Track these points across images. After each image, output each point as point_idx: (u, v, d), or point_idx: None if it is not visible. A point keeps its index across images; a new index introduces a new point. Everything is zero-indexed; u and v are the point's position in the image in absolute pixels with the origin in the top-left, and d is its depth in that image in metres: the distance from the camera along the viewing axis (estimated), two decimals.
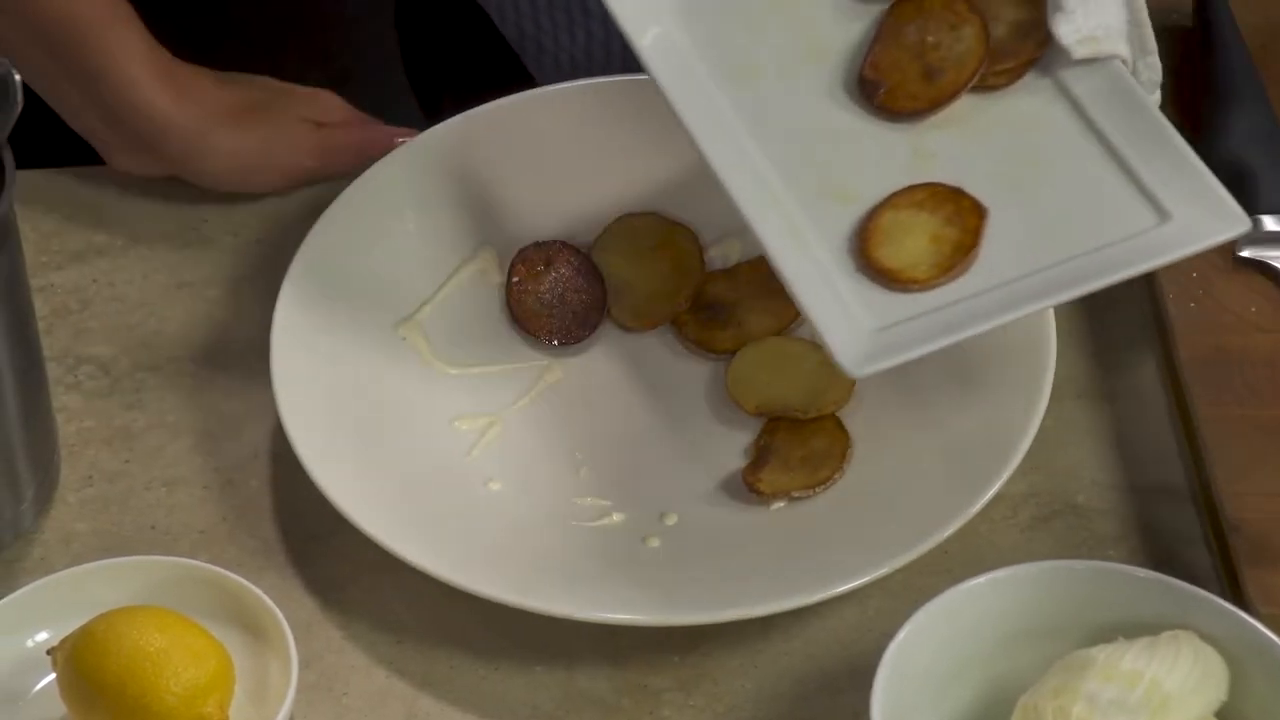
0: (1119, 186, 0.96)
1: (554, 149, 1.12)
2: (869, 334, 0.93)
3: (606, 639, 0.97)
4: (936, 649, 0.91)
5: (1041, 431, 1.00)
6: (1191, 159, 0.96)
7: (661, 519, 1.02)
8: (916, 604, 0.91)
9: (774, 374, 1.05)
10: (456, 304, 1.09)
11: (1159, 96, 1.00)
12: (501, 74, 1.19)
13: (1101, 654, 0.88)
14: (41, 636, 0.95)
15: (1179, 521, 1.01)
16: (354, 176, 1.10)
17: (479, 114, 1.12)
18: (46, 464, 1.02)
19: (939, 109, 0.99)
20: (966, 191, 0.97)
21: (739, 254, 1.11)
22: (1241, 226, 0.94)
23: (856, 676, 0.92)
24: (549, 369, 1.08)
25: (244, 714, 0.94)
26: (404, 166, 1.11)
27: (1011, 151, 0.98)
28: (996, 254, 0.95)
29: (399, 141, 1.12)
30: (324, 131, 1.14)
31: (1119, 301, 1.08)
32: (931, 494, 0.99)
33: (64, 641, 0.93)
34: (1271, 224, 1.07)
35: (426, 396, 1.06)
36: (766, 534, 1.00)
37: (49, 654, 0.93)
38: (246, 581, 0.96)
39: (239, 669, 0.93)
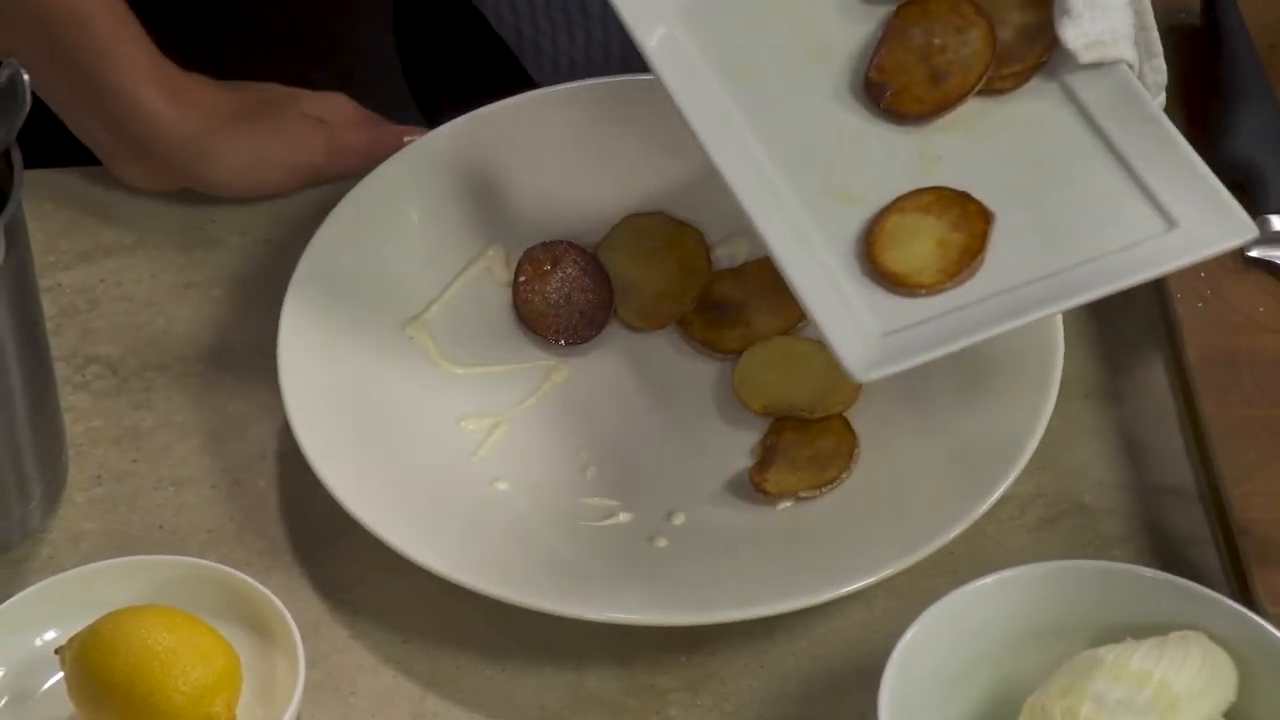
0: (1126, 192, 0.96)
1: (561, 149, 1.12)
2: (875, 339, 0.93)
3: (613, 639, 0.97)
4: (944, 649, 0.91)
5: (1048, 432, 1.00)
6: (1198, 166, 0.96)
7: (668, 519, 1.02)
8: (923, 604, 0.91)
9: (781, 374, 1.05)
10: (463, 304, 1.09)
11: (1164, 99, 1.00)
12: (501, 77, 1.19)
13: (1110, 654, 0.88)
14: (50, 635, 0.95)
15: (1187, 522, 1.01)
16: (361, 176, 1.10)
17: (486, 114, 1.12)
18: (54, 463, 1.02)
19: (945, 112, 0.99)
20: (973, 196, 0.97)
21: (746, 254, 1.10)
22: (1248, 234, 0.94)
23: (863, 677, 0.92)
24: (556, 369, 1.08)
25: (251, 713, 0.94)
26: (411, 166, 1.11)
27: (1018, 156, 0.98)
28: (1003, 259, 0.95)
29: (407, 141, 1.12)
30: (330, 130, 1.14)
31: (1127, 302, 1.08)
32: (938, 494, 0.99)
33: (72, 640, 0.93)
34: None
35: (433, 396, 1.06)
36: (773, 534, 1.00)
37: (57, 653, 0.93)
38: (254, 581, 0.96)
39: (246, 668, 0.93)
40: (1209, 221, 0.95)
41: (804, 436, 1.03)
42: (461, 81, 1.28)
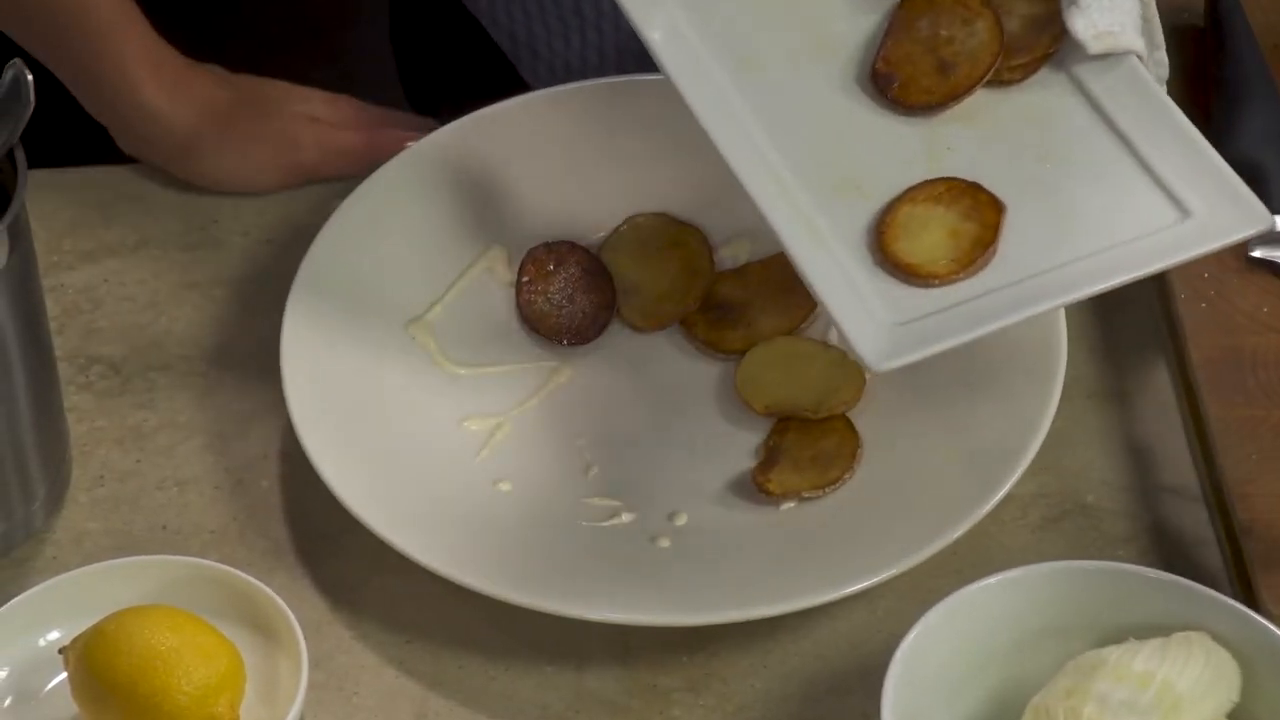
0: (1138, 182, 0.96)
1: (564, 149, 1.12)
2: (890, 329, 0.93)
3: (616, 639, 0.97)
4: (947, 650, 0.91)
5: (1052, 432, 1.00)
6: (1211, 155, 0.96)
7: (671, 519, 1.02)
8: (926, 605, 0.91)
9: (784, 374, 1.05)
10: (466, 304, 1.09)
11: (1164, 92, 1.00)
12: (495, 82, 1.19)
13: (1113, 655, 0.88)
14: (53, 636, 0.95)
15: (1190, 522, 1.01)
16: (363, 177, 1.10)
17: (489, 114, 1.12)
18: (58, 464, 1.02)
19: (953, 103, 0.99)
20: (984, 187, 0.97)
21: (748, 254, 1.10)
22: (1262, 223, 0.94)
23: (866, 677, 0.92)
24: (558, 369, 1.08)
25: (254, 713, 0.94)
26: (414, 167, 1.11)
27: (1028, 146, 0.98)
28: (1015, 250, 0.95)
29: (407, 145, 1.12)
30: (327, 129, 1.14)
31: (1130, 302, 1.08)
32: (942, 494, 0.99)
33: (76, 641, 0.93)
34: None
35: (436, 397, 1.06)
36: (776, 534, 1.00)
37: (61, 653, 0.93)
38: (257, 581, 0.96)
39: (249, 668, 0.93)
40: (1223, 210, 0.94)
41: (807, 437, 1.03)
42: (456, 87, 1.28)
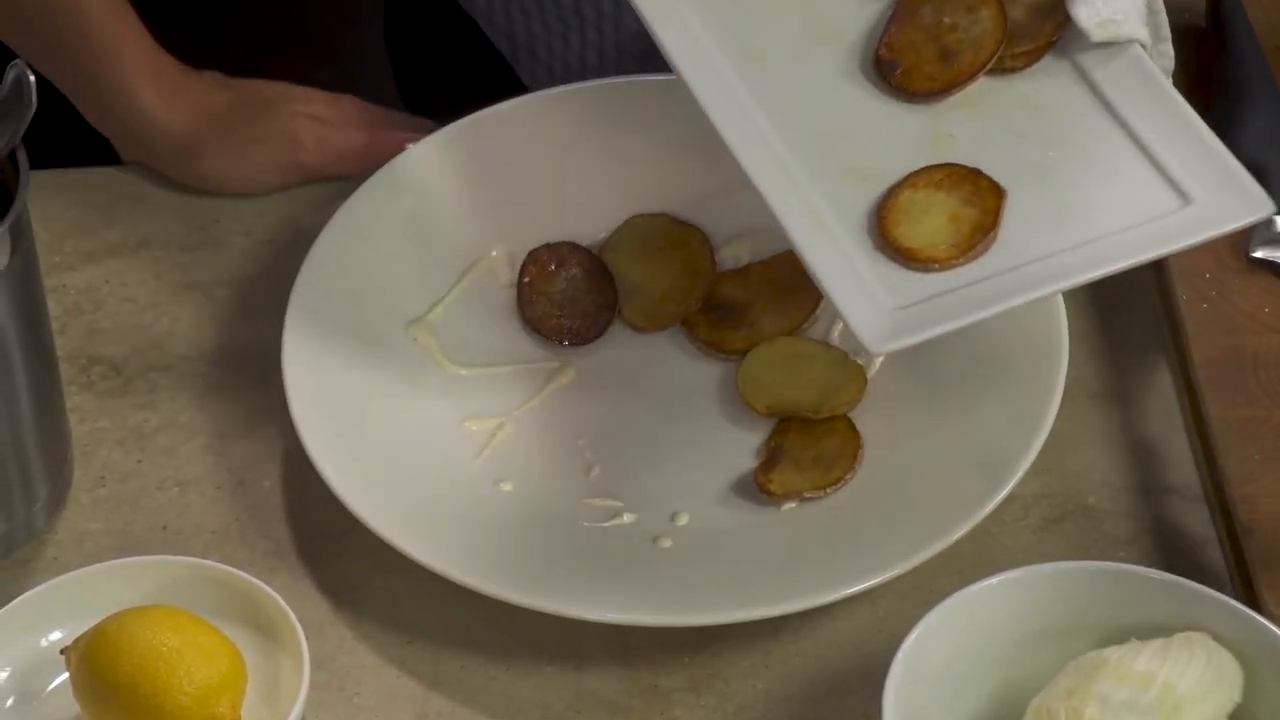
0: (1140, 169, 0.96)
1: (565, 150, 1.12)
2: (890, 312, 0.93)
3: (617, 639, 0.97)
4: (948, 650, 0.91)
5: (1053, 433, 1.00)
6: (1214, 143, 0.96)
7: (673, 519, 1.02)
8: (927, 605, 0.91)
9: (785, 374, 1.05)
10: (467, 305, 1.09)
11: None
12: (493, 84, 1.18)
13: (1114, 655, 0.88)
14: (55, 636, 0.95)
15: (1191, 523, 1.01)
16: (365, 177, 1.10)
17: (490, 115, 1.12)
18: (60, 464, 1.02)
19: (956, 90, 0.99)
20: (984, 172, 0.97)
21: (750, 254, 1.10)
22: (1264, 209, 0.94)
23: (868, 678, 0.92)
24: (560, 370, 1.08)
25: (256, 714, 0.94)
26: (415, 167, 1.11)
27: (1030, 133, 0.98)
28: (1016, 235, 0.95)
29: (408, 146, 1.12)
30: (328, 129, 1.14)
31: (1131, 302, 1.08)
32: (943, 495, 0.99)
33: (77, 641, 0.93)
34: None
35: (437, 397, 1.06)
36: (777, 535, 1.00)
37: (62, 653, 0.93)
38: (258, 581, 0.96)
39: (251, 669, 0.93)
40: (1224, 198, 0.94)
41: (808, 437, 1.03)
42: (452, 89, 1.27)
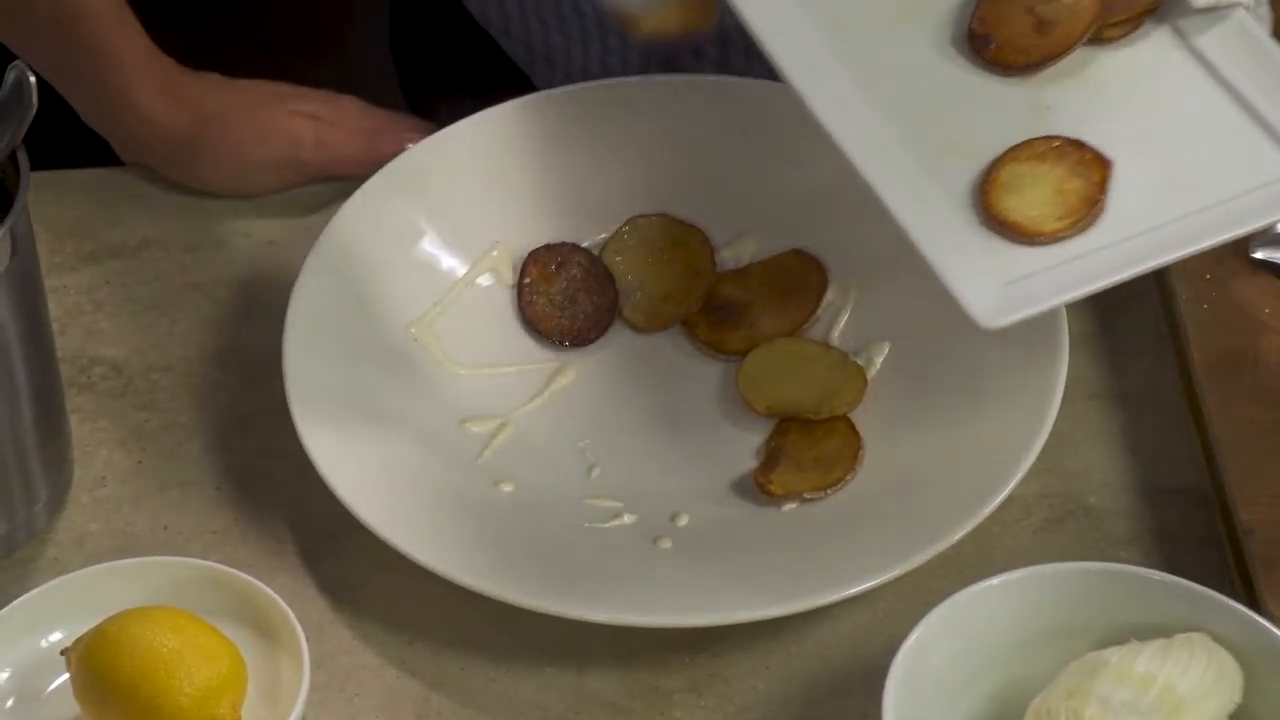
0: (1249, 135, 0.94)
1: (566, 150, 1.12)
2: (999, 287, 0.91)
3: (617, 640, 0.97)
4: (948, 651, 0.91)
5: (1054, 433, 1.00)
6: None
7: (673, 520, 1.02)
8: (928, 606, 0.91)
9: (785, 375, 1.05)
10: (468, 305, 1.09)
11: None
12: (507, 94, 1.18)
13: (1115, 656, 0.88)
14: (55, 637, 0.95)
15: (1191, 523, 1.01)
16: (365, 177, 1.10)
17: (490, 115, 1.12)
18: (60, 464, 1.02)
19: (1052, 63, 0.97)
20: (1088, 144, 0.95)
21: (750, 255, 1.10)
22: None
23: (868, 678, 0.92)
24: (560, 370, 1.08)
25: (256, 714, 0.94)
26: (415, 168, 1.11)
27: (1132, 102, 0.96)
28: (1124, 206, 0.93)
29: (408, 147, 1.11)
30: (328, 129, 1.14)
31: (1132, 303, 1.08)
32: (943, 495, 0.99)
33: (77, 642, 0.93)
34: None
35: (437, 398, 1.06)
36: (778, 535, 1.00)
37: (63, 654, 0.93)
38: (259, 582, 0.96)
39: (251, 669, 0.93)
40: None
41: (809, 438, 1.03)
42: (463, 97, 1.27)
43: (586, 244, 1.11)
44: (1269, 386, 1.02)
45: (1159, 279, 1.07)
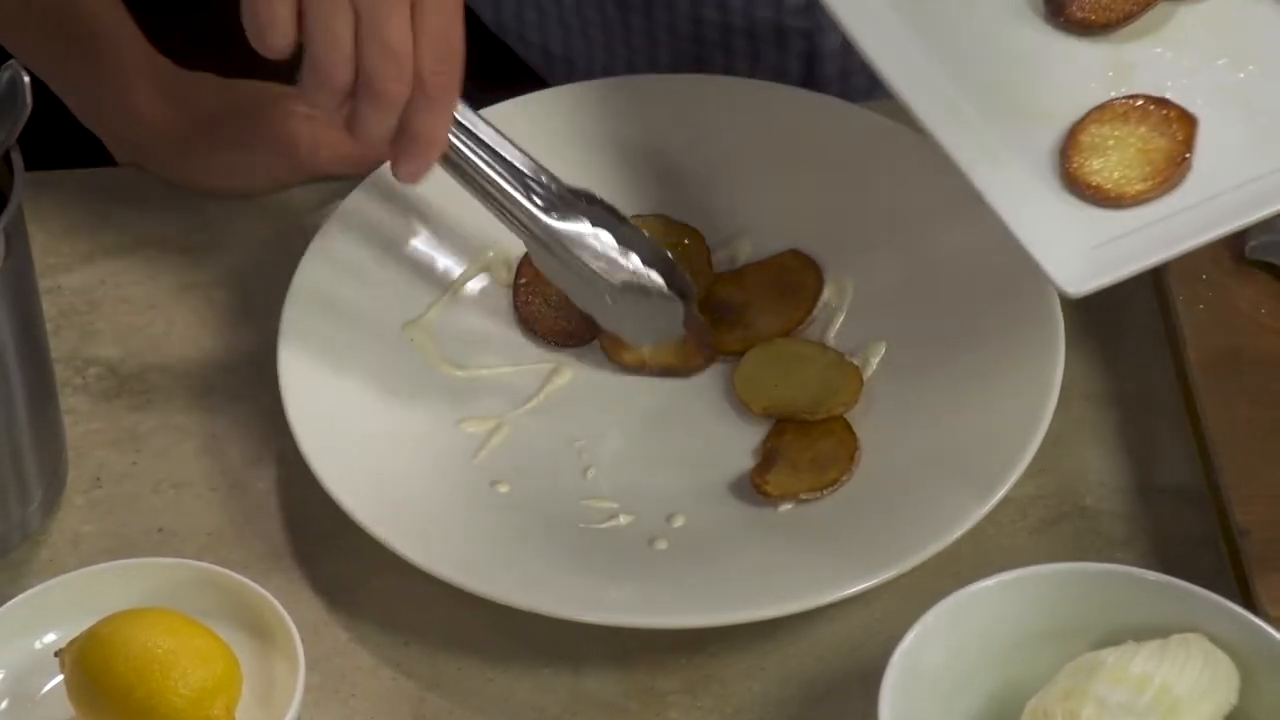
0: None
1: (562, 150, 1.11)
2: (1084, 252, 0.90)
3: (614, 641, 0.97)
4: (945, 652, 0.91)
5: (1050, 433, 1.00)
6: None
7: (669, 521, 1.02)
8: (924, 606, 0.91)
9: (782, 375, 1.05)
10: (464, 306, 1.09)
11: None
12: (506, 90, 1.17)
13: (1111, 657, 0.88)
14: (49, 638, 0.95)
15: (1188, 524, 1.01)
16: (362, 177, 1.10)
17: (487, 116, 1.12)
18: (54, 465, 1.02)
19: (1131, 20, 0.96)
20: (1172, 100, 0.94)
21: (747, 255, 1.10)
22: None
23: (865, 679, 0.92)
24: (556, 371, 1.08)
25: (251, 716, 0.93)
26: None
27: (1217, 56, 0.94)
28: (1210, 164, 0.91)
29: None
30: (325, 128, 1.13)
31: (1128, 303, 1.08)
32: (940, 496, 0.99)
33: (72, 643, 0.93)
34: None
35: (434, 398, 1.06)
36: (774, 536, 1.00)
37: (57, 656, 0.93)
38: (254, 583, 0.96)
39: (246, 671, 0.93)
40: None
41: (805, 438, 1.03)
42: (473, 102, 1.26)
43: None
44: (1265, 387, 1.02)
45: (1155, 279, 1.07)
